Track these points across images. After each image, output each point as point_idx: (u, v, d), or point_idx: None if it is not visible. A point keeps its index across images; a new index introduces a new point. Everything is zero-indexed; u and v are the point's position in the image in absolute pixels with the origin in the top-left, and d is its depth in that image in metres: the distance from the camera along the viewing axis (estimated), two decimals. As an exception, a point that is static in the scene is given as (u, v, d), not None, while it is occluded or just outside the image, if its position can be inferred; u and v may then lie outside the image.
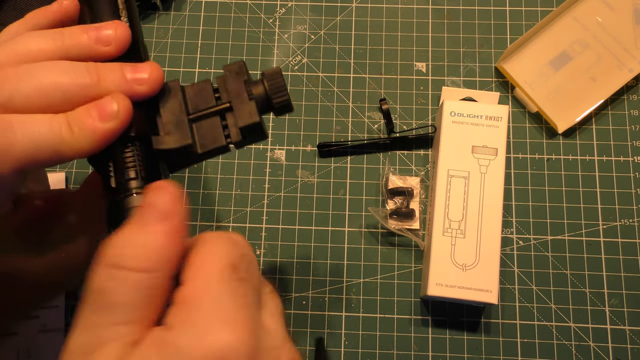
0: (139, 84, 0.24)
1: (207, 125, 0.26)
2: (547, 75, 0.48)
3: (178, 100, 0.25)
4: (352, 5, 0.52)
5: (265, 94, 0.27)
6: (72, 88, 0.22)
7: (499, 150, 0.43)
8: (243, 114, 0.26)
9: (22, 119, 0.21)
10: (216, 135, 0.25)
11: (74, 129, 0.22)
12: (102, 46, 0.24)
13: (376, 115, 0.49)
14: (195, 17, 0.52)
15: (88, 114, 0.22)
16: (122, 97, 0.23)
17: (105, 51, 0.24)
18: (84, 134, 0.22)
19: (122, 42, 0.24)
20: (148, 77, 0.24)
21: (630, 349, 0.43)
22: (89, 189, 0.30)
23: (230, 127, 0.26)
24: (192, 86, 0.26)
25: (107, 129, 0.22)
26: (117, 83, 0.23)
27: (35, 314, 0.43)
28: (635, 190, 0.46)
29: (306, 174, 0.47)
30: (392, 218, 0.45)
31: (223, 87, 0.26)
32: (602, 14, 0.48)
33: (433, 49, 0.50)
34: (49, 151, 0.22)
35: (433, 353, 0.43)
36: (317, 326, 0.44)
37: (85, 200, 0.30)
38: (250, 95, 0.26)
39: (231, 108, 0.26)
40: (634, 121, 0.48)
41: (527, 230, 0.45)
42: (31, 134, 0.21)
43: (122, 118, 0.23)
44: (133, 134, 0.23)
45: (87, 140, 0.22)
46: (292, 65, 0.50)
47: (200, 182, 0.47)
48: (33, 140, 0.21)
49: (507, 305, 0.44)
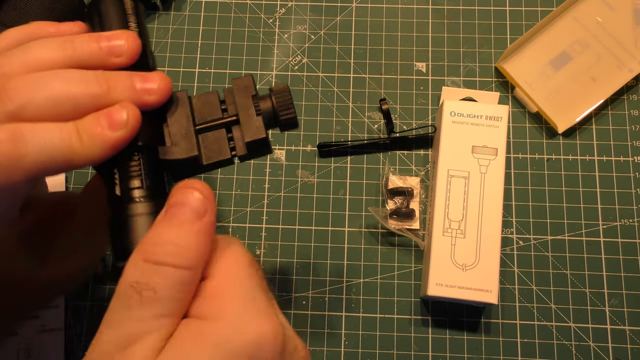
0: (148, 94, 0.24)
1: (213, 136, 0.26)
2: (547, 75, 0.48)
3: (185, 110, 0.25)
4: (352, 5, 0.52)
5: (273, 109, 0.27)
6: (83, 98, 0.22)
7: (499, 150, 0.43)
8: (250, 129, 0.26)
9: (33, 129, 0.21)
10: (222, 147, 0.26)
11: (83, 138, 0.22)
12: (113, 57, 0.24)
13: (376, 115, 0.49)
14: (195, 17, 0.52)
15: (97, 123, 0.22)
16: (131, 107, 0.23)
17: (116, 62, 0.24)
18: (93, 142, 0.22)
19: (133, 53, 0.25)
20: (157, 87, 0.24)
21: (630, 349, 0.43)
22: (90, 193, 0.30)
23: (236, 140, 0.26)
24: (199, 97, 0.26)
25: (116, 138, 0.22)
26: (126, 93, 0.23)
27: (35, 314, 0.43)
28: (635, 190, 0.46)
29: (306, 174, 0.47)
30: (392, 218, 0.45)
31: (230, 100, 0.27)
32: (602, 14, 0.48)
33: (433, 49, 0.50)
34: (59, 160, 0.22)
35: (433, 353, 0.43)
36: (317, 326, 0.44)
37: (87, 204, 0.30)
38: (258, 110, 0.26)
39: (238, 121, 0.26)
40: (634, 121, 0.48)
41: (527, 230, 0.45)
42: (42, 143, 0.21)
43: (131, 127, 0.23)
44: (140, 143, 0.23)
45: (96, 149, 0.22)
46: (292, 65, 0.50)
47: (200, 182, 0.47)
48: (44, 150, 0.21)
49: (507, 305, 0.44)
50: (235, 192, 0.47)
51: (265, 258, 0.46)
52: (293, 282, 0.45)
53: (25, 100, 0.22)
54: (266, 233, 0.46)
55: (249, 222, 0.46)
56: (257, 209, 0.47)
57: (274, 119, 0.27)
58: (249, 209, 0.47)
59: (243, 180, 0.47)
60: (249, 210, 0.47)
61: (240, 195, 0.47)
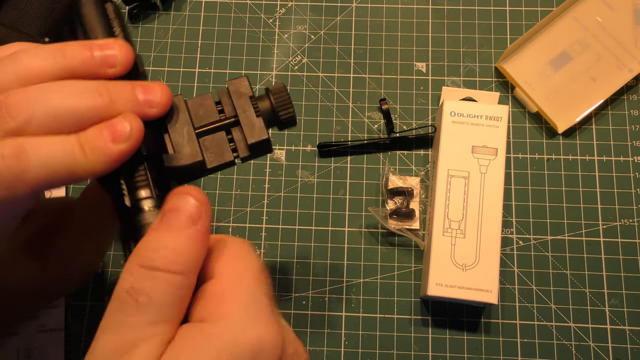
0: (150, 106, 0.24)
1: (213, 139, 0.26)
2: (547, 75, 0.48)
3: (185, 116, 0.25)
4: (352, 5, 0.52)
5: (272, 109, 0.27)
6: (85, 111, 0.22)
7: (499, 150, 0.43)
8: (252, 131, 0.26)
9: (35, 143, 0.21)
10: (223, 150, 0.26)
11: (86, 151, 0.22)
12: (107, 68, 0.24)
13: (376, 115, 0.49)
14: (195, 17, 0.52)
15: (100, 136, 0.22)
16: (134, 118, 0.23)
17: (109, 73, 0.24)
18: (96, 156, 0.22)
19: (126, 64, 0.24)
20: (159, 99, 0.24)
21: (630, 349, 0.43)
22: (89, 198, 0.30)
23: (237, 142, 0.26)
24: (194, 100, 0.26)
25: (119, 151, 0.22)
26: (129, 105, 0.23)
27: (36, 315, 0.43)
28: (635, 190, 0.46)
29: (306, 174, 0.47)
30: (392, 218, 0.45)
31: (226, 101, 0.27)
32: (602, 14, 0.48)
33: (433, 49, 0.50)
34: (62, 174, 0.22)
35: (433, 353, 0.43)
36: (317, 326, 0.44)
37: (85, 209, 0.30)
38: (257, 111, 0.26)
39: (237, 123, 0.26)
40: (634, 121, 0.48)
41: (527, 230, 0.45)
42: (44, 158, 0.21)
43: (134, 139, 0.22)
44: (145, 153, 0.23)
45: (99, 162, 0.22)
46: (292, 65, 0.50)
47: (200, 183, 0.47)
48: (46, 164, 0.21)
49: (507, 305, 0.44)
50: (235, 192, 0.47)
51: (265, 258, 0.46)
52: (293, 282, 0.45)
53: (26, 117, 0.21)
54: (266, 233, 0.46)
55: (249, 222, 0.46)
56: (257, 209, 0.47)
57: (274, 117, 0.27)
58: (249, 209, 0.47)
59: (243, 180, 0.47)
60: (249, 210, 0.47)
61: (240, 195, 0.47)
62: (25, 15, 0.45)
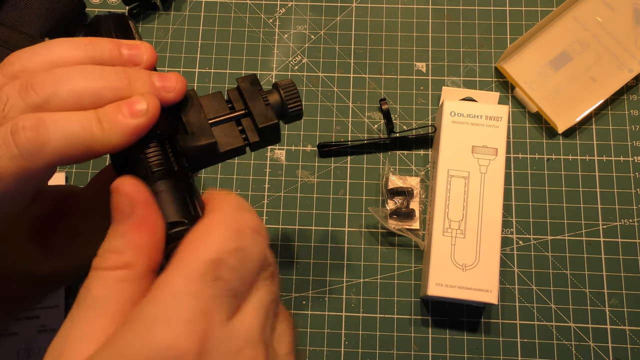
0: (166, 91, 0.25)
1: (225, 129, 0.27)
2: (547, 75, 0.48)
3: (197, 106, 0.27)
4: (352, 5, 0.52)
5: (281, 101, 0.29)
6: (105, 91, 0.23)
7: (499, 150, 0.43)
8: (261, 117, 0.28)
9: (55, 117, 0.22)
10: (235, 136, 0.27)
11: (104, 125, 0.23)
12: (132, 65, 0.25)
13: (376, 115, 0.49)
14: (195, 17, 0.52)
15: (119, 110, 0.23)
16: (151, 96, 0.24)
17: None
18: (114, 129, 0.23)
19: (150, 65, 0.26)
20: (175, 85, 0.25)
21: (630, 349, 0.43)
22: (96, 187, 0.31)
23: (247, 129, 0.28)
24: (205, 97, 0.28)
25: (136, 124, 0.23)
26: (146, 88, 0.24)
27: (35, 314, 0.43)
28: (635, 190, 0.46)
29: (306, 174, 0.47)
30: (392, 218, 0.45)
31: (236, 98, 0.28)
32: (602, 14, 0.48)
33: (433, 49, 0.50)
34: (80, 147, 0.22)
35: (433, 353, 0.43)
36: (317, 326, 0.44)
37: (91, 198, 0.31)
38: (267, 102, 0.28)
39: (247, 114, 0.28)
40: (634, 121, 0.48)
41: (527, 230, 0.45)
42: (64, 131, 0.22)
43: (151, 114, 0.23)
44: (159, 131, 0.24)
45: (117, 135, 0.23)
46: (292, 65, 0.50)
47: (200, 183, 0.47)
48: (65, 137, 0.22)
49: (507, 305, 0.44)
50: (236, 192, 0.47)
51: (265, 258, 0.46)
52: (293, 282, 0.45)
53: (49, 93, 0.22)
54: (266, 233, 0.46)
55: (249, 222, 0.46)
56: (257, 209, 0.47)
57: (282, 109, 0.29)
58: (249, 209, 0.47)
59: (243, 180, 0.47)
60: (249, 210, 0.47)
61: (240, 195, 0.47)
62: (25, 15, 0.45)
